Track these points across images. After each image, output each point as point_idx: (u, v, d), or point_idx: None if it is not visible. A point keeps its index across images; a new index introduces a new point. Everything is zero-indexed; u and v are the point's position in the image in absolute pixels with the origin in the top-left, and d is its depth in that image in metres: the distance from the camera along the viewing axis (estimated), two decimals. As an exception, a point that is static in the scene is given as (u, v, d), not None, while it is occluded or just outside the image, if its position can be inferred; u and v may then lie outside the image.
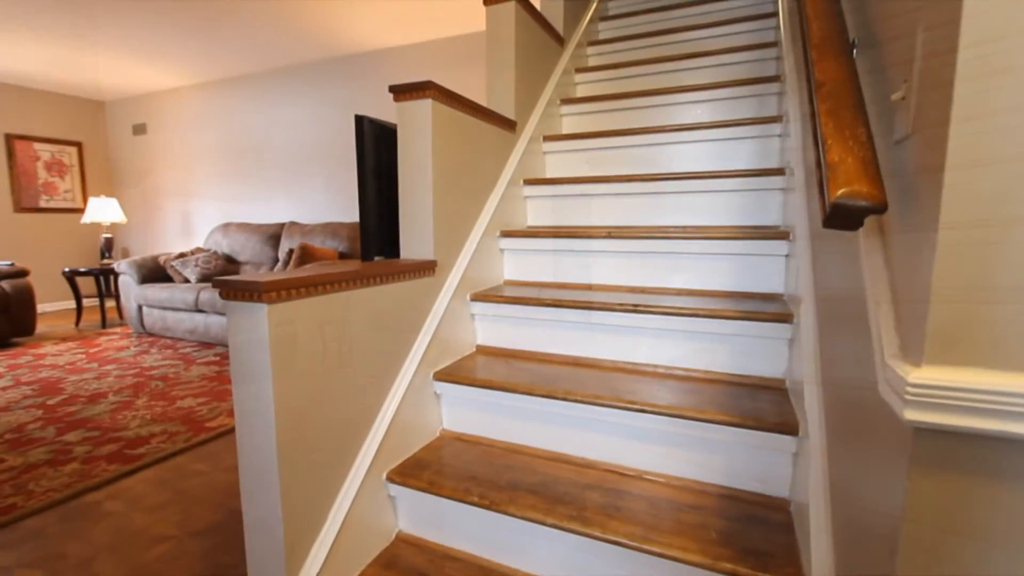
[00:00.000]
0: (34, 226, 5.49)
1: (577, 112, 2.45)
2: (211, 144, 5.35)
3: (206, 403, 2.65)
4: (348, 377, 1.21)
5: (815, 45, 0.85)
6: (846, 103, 0.73)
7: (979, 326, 0.50)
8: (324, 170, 4.75)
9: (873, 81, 0.84)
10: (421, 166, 1.48)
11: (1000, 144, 0.48)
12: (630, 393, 1.31)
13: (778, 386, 1.37)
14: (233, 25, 3.87)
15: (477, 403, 1.50)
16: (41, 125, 5.52)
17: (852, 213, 0.61)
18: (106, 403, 2.67)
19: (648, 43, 2.69)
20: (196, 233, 5.61)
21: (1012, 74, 0.47)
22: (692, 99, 2.20)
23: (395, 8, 3.64)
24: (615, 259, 1.78)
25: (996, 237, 0.49)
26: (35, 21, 3.72)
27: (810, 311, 1.15)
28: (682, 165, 2.07)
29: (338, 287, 1.15)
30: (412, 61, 4.32)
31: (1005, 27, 0.47)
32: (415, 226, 1.53)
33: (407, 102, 1.48)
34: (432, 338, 1.50)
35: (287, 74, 4.84)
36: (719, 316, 1.40)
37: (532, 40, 2.16)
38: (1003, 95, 0.47)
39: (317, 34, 4.06)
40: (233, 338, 1.02)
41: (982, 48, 0.48)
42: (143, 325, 4.32)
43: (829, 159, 0.65)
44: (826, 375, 0.98)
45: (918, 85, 0.61)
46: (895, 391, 0.54)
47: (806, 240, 1.29)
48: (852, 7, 1.03)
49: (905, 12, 0.68)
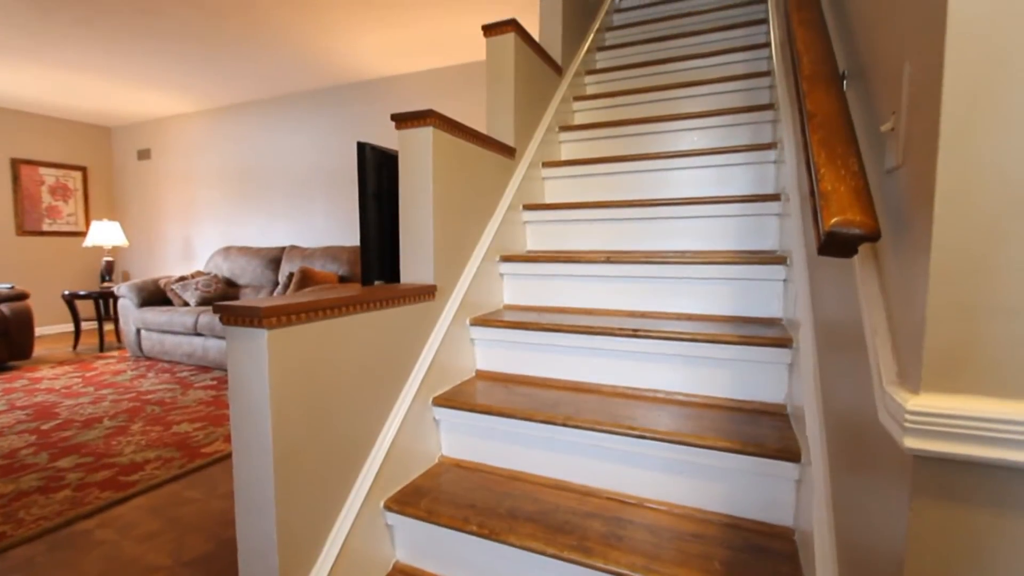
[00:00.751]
0: (36, 249, 5.52)
1: (576, 139, 2.49)
2: (214, 169, 5.42)
3: (202, 428, 2.63)
4: (346, 403, 1.20)
5: (806, 77, 0.88)
6: (837, 133, 0.74)
7: (976, 352, 0.50)
8: (325, 194, 4.80)
9: (863, 111, 0.86)
10: (422, 192, 1.50)
11: (988, 174, 0.49)
12: (630, 419, 1.31)
13: (779, 411, 1.36)
14: (238, 54, 3.97)
15: (476, 429, 1.49)
16: (47, 150, 5.60)
17: (846, 241, 0.62)
18: (101, 428, 2.64)
19: (644, 72, 2.75)
20: (197, 256, 5.64)
21: (997, 105, 0.48)
22: (688, 126, 2.25)
23: (397, 38, 3.74)
24: (614, 284, 1.79)
25: (987, 265, 0.49)
26: (45, 51, 3.81)
27: (809, 336, 1.16)
28: (679, 191, 2.10)
29: (338, 312, 1.15)
30: (414, 88, 4.41)
31: (988, 59, 0.49)
32: (415, 251, 1.54)
33: (409, 130, 1.51)
34: (431, 363, 1.49)
35: (290, 101, 4.94)
36: (719, 341, 1.40)
37: (531, 70, 2.21)
38: (989, 126, 0.49)
39: (320, 63, 4.16)
40: (232, 363, 1.02)
41: (966, 80, 0.50)
42: (141, 349, 4.30)
43: (822, 188, 0.66)
44: (827, 401, 0.98)
45: (906, 116, 0.62)
46: (894, 418, 0.54)
47: (803, 265, 1.30)
48: (840, 39, 1.06)
49: (891, 45, 0.70)
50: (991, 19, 0.48)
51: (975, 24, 0.49)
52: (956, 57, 0.49)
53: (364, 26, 3.53)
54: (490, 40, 2.06)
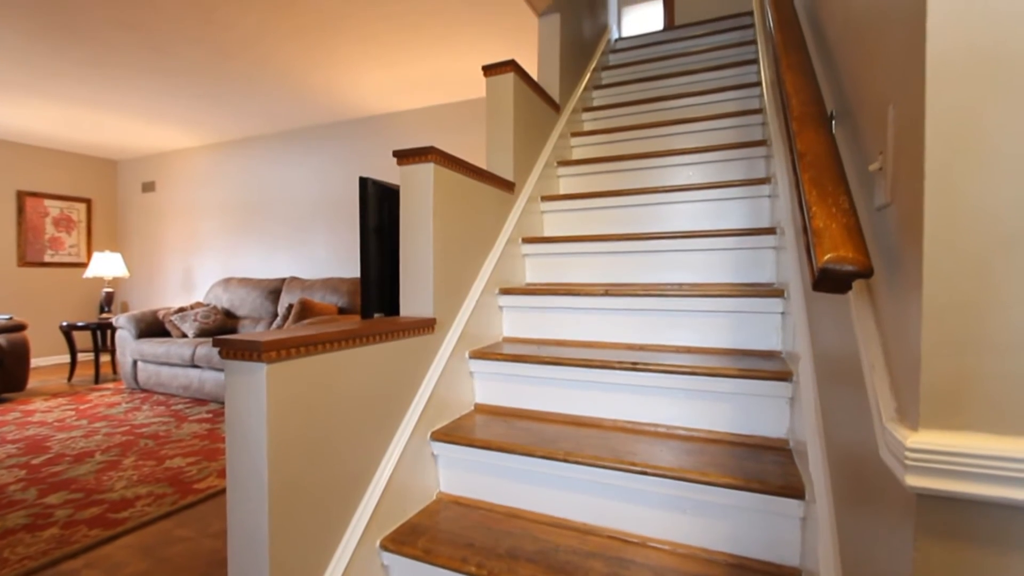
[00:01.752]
0: (37, 280, 5.53)
1: (574, 173, 2.54)
2: (217, 201, 5.49)
3: (196, 463, 2.58)
4: (344, 438, 1.19)
5: (795, 118, 0.91)
6: (827, 172, 0.77)
7: (972, 389, 0.51)
8: (326, 226, 4.85)
9: (852, 150, 0.89)
10: (422, 226, 1.52)
11: (973, 214, 0.50)
12: (631, 454, 1.29)
13: (781, 446, 1.35)
14: (243, 91, 4.08)
15: (475, 465, 1.47)
16: (53, 182, 5.69)
17: (839, 277, 0.63)
18: (92, 463, 2.59)
19: (640, 109, 2.83)
20: (197, 288, 5.65)
21: (978, 147, 0.50)
22: (684, 162, 2.30)
23: (399, 76, 3.85)
24: (613, 316, 1.80)
25: (978, 302, 0.50)
26: (56, 88, 3.92)
27: (808, 370, 1.15)
28: (676, 224, 2.13)
29: (338, 346, 1.15)
30: (415, 124, 4.52)
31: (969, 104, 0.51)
32: (415, 284, 1.55)
33: (410, 166, 1.54)
34: (430, 397, 1.48)
35: (293, 136, 5.06)
36: (719, 374, 1.40)
37: (530, 107, 2.28)
38: (971, 168, 0.50)
39: (323, 99, 4.28)
40: (230, 397, 1.01)
41: (948, 123, 0.52)
42: (137, 381, 4.26)
43: (814, 225, 0.68)
44: (829, 436, 0.97)
45: (892, 157, 0.65)
46: (895, 455, 0.54)
47: (800, 298, 1.31)
48: (827, 80, 1.10)
49: (875, 88, 0.73)
50: (970, 65, 0.51)
51: (954, 69, 0.51)
52: (937, 101, 0.52)
53: (366, 65, 3.64)
54: (490, 79, 2.13)
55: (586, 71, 3.17)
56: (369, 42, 3.31)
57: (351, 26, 3.10)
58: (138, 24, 3.00)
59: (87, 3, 2.75)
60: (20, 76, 3.67)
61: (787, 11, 1.30)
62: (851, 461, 0.79)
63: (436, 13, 2.97)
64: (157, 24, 3.01)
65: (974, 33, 0.50)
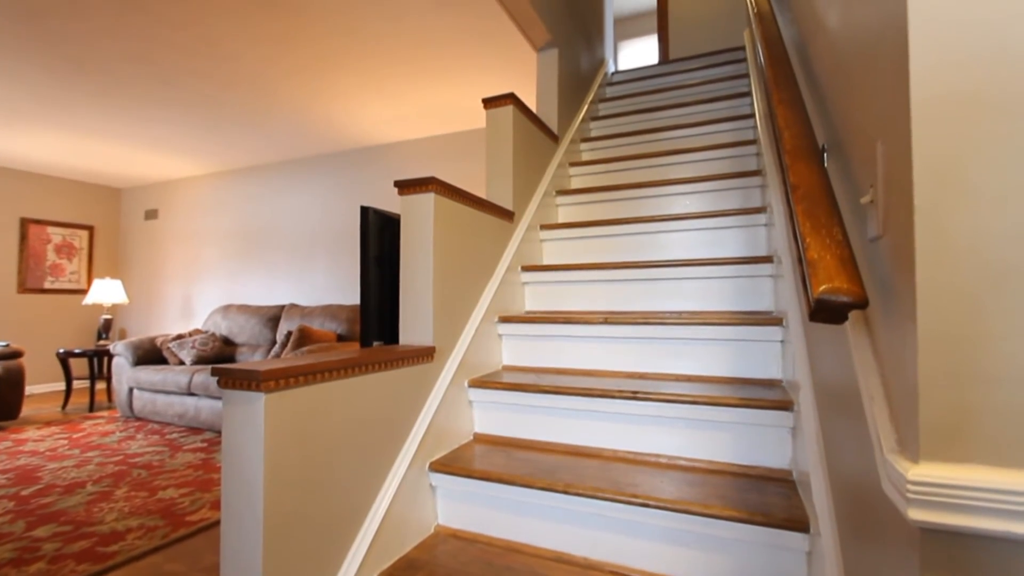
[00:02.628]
0: (35, 307, 5.52)
1: (572, 202, 2.58)
2: (218, 229, 5.54)
3: (189, 494, 2.53)
4: (341, 469, 1.17)
5: (788, 151, 0.93)
6: (820, 204, 0.78)
7: (970, 421, 0.51)
8: (326, 253, 4.88)
9: (844, 182, 0.91)
10: (423, 255, 1.54)
11: (962, 248, 0.51)
12: (633, 486, 1.27)
13: (784, 477, 1.33)
14: (246, 122, 4.17)
15: (474, 496, 1.44)
16: (57, 210, 5.74)
17: (835, 308, 0.64)
18: (83, 494, 2.54)
19: (636, 140, 2.89)
20: (196, 314, 5.64)
21: (964, 184, 0.52)
22: (680, 191, 2.33)
23: (399, 108, 3.94)
24: (612, 344, 1.80)
25: (971, 334, 0.51)
26: (64, 119, 4.00)
27: (809, 399, 1.15)
28: (674, 252, 2.15)
29: (337, 375, 1.15)
30: (415, 154, 4.60)
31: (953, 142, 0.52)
32: (415, 312, 1.55)
33: (411, 196, 1.57)
34: (429, 426, 1.47)
35: (295, 165, 5.14)
36: (719, 403, 1.39)
37: (528, 138, 2.32)
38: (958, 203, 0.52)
39: (325, 130, 4.37)
40: (227, 427, 1.00)
41: (934, 161, 0.53)
42: (132, 409, 4.21)
43: (809, 257, 0.69)
44: (832, 467, 0.96)
45: (883, 191, 0.66)
46: (897, 488, 0.54)
47: (799, 327, 1.31)
48: (818, 115, 1.13)
49: (864, 124, 0.76)
50: (952, 108, 0.52)
51: (938, 112, 0.53)
52: (922, 141, 0.53)
53: (367, 97, 3.73)
54: (490, 112, 2.18)
55: (584, 103, 3.25)
56: (370, 76, 3.40)
57: (352, 61, 3.19)
58: (148, 58, 3.09)
59: (99, 36, 2.83)
60: (32, 107, 3.76)
61: (777, 48, 1.35)
62: (855, 493, 0.78)
63: (436, 48, 3.07)
64: (166, 58, 3.10)
65: (955, 79, 0.52)
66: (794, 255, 1.34)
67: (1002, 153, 0.50)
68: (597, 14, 3.77)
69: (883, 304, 0.67)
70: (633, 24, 6.52)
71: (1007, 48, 0.51)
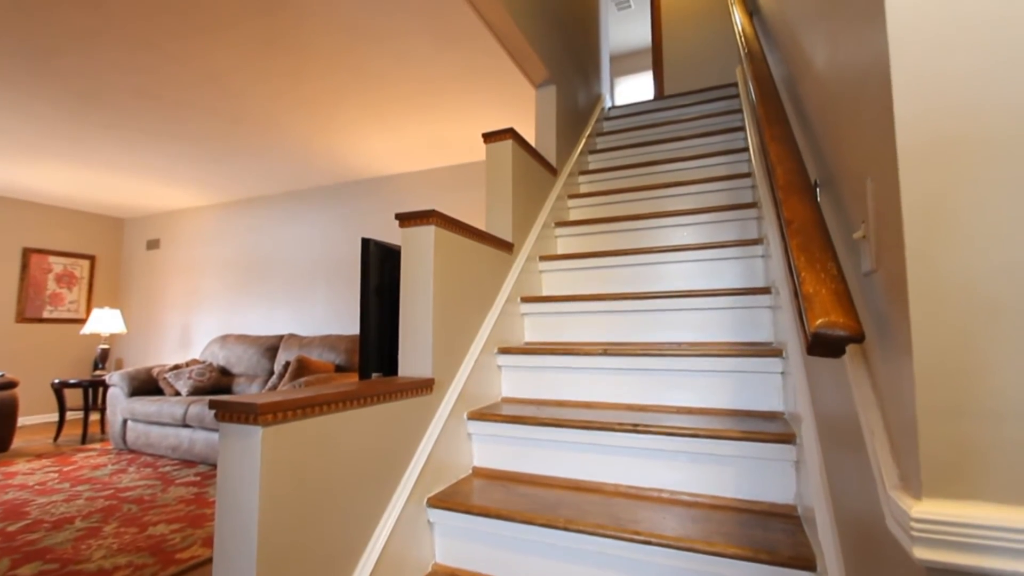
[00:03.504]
0: (33, 336, 5.50)
1: (571, 234, 2.61)
2: (219, 259, 5.57)
3: (180, 530, 2.46)
4: (337, 505, 1.15)
5: (781, 187, 0.95)
6: (814, 239, 0.80)
7: (970, 456, 0.51)
8: (326, 283, 4.90)
9: (837, 217, 0.92)
10: (423, 287, 1.55)
11: (953, 283, 0.52)
12: (634, 522, 1.24)
13: (789, 513, 1.30)
14: (250, 155, 4.25)
15: (473, 533, 1.41)
16: (59, 239, 5.78)
17: (832, 343, 0.64)
18: (71, 530, 2.47)
19: (633, 173, 2.95)
20: (195, 344, 5.62)
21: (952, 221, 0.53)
22: (678, 223, 2.37)
23: (400, 142, 4.03)
24: (612, 376, 1.79)
25: (967, 368, 0.51)
26: (74, 152, 4.08)
27: (811, 432, 1.14)
28: (672, 283, 2.16)
29: (335, 407, 1.14)
30: (415, 185, 4.68)
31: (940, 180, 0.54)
32: (415, 343, 1.55)
33: (412, 228, 1.59)
34: (427, 460, 1.45)
35: (297, 196, 5.21)
36: (721, 437, 1.38)
37: (527, 171, 2.37)
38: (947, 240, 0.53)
39: (327, 163, 4.45)
40: (223, 461, 0.99)
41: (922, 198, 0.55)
42: (125, 441, 4.14)
43: (804, 291, 0.70)
44: (836, 503, 0.95)
45: (874, 226, 0.68)
46: (901, 526, 0.53)
47: (799, 358, 1.31)
48: (810, 151, 1.16)
49: (854, 162, 0.78)
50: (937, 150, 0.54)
51: (923, 154, 0.55)
52: (910, 181, 0.55)
53: (369, 131, 3.82)
54: (490, 146, 2.23)
55: (582, 136, 3.32)
56: (372, 110, 3.49)
57: (355, 97, 3.28)
58: (156, 93, 3.17)
59: (109, 72, 2.92)
60: (41, 140, 3.83)
61: (768, 86, 1.39)
62: (860, 530, 0.77)
63: (438, 84, 3.16)
64: (174, 93, 3.19)
65: (939, 124, 0.54)
66: (790, 288, 1.35)
67: (987, 194, 0.52)
68: (594, 52, 3.90)
69: (879, 337, 0.68)
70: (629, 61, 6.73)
71: (988, 95, 0.53)
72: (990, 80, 0.53)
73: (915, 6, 0.56)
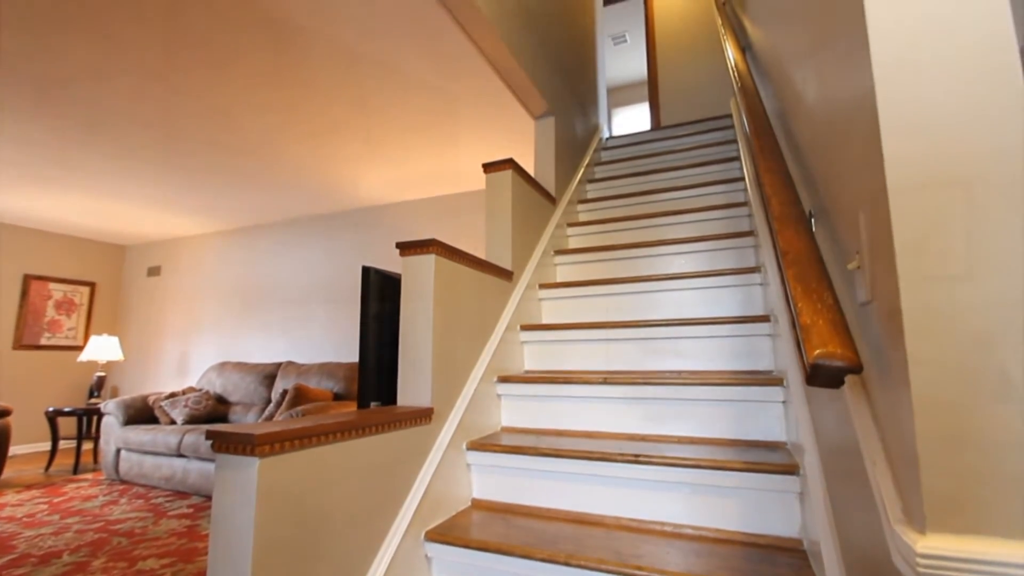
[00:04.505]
0: (30, 363, 5.46)
1: (570, 262, 2.63)
2: (219, 286, 5.58)
3: (170, 564, 2.40)
4: (333, 538, 1.12)
5: (776, 218, 0.97)
6: (810, 269, 0.81)
7: (972, 488, 0.50)
8: (325, 310, 4.90)
9: (833, 247, 0.94)
10: (423, 315, 1.55)
11: (947, 315, 0.53)
12: (636, 557, 1.22)
13: (795, 547, 1.28)
14: (254, 185, 4.31)
15: (472, 568, 1.37)
16: (61, 266, 5.80)
17: (830, 373, 0.65)
18: (59, 565, 2.41)
19: (631, 202, 2.99)
20: (192, 372, 5.57)
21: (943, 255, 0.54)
22: (676, 251, 2.38)
23: (401, 172, 4.10)
24: (612, 405, 1.77)
25: (964, 400, 0.51)
26: (79, 181, 4.14)
27: (815, 463, 1.13)
28: (671, 311, 2.16)
29: (333, 438, 1.13)
30: (414, 214, 4.73)
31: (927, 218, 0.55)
32: (414, 372, 1.54)
33: (412, 257, 1.60)
34: (426, 492, 1.42)
35: (297, 224, 5.26)
36: (723, 467, 1.36)
37: (527, 200, 2.40)
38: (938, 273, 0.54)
39: (328, 192, 4.51)
40: (218, 493, 0.98)
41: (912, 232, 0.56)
42: (118, 471, 4.07)
43: (802, 321, 0.71)
44: (842, 537, 0.93)
45: (868, 258, 0.69)
46: (907, 562, 0.52)
47: (800, 388, 1.31)
48: (804, 183, 1.19)
49: (847, 195, 0.79)
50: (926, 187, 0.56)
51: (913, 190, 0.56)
52: (900, 215, 0.56)
53: (371, 163, 3.89)
54: (489, 176, 2.26)
55: (580, 166, 3.38)
56: (374, 142, 3.56)
57: (357, 129, 3.35)
58: (162, 124, 3.24)
59: (116, 102, 2.98)
60: (47, 168, 3.89)
61: (761, 120, 1.43)
62: (866, 564, 0.75)
63: (439, 117, 3.23)
64: (179, 125, 3.26)
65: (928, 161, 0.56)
66: (788, 318, 1.35)
67: (975, 230, 0.53)
68: (591, 84, 4.00)
69: (878, 368, 0.68)
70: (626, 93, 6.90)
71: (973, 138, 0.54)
72: (974, 118, 0.54)
73: (897, 48, 0.58)
